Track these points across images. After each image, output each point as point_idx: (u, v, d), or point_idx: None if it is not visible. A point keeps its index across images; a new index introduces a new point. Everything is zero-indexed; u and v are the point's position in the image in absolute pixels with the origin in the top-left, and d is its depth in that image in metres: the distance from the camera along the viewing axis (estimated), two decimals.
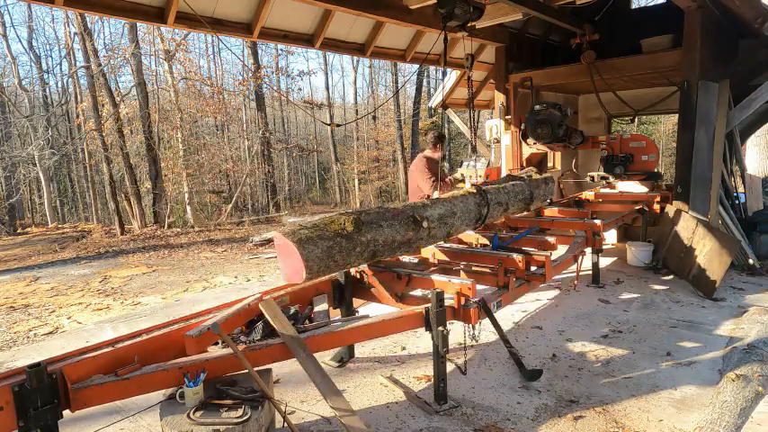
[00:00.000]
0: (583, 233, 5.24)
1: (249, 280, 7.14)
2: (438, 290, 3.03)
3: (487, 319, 3.46)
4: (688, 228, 5.74)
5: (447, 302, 3.14)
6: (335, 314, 3.75)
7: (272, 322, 2.81)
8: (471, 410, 3.10)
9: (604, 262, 6.51)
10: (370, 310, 4.15)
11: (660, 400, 3.18)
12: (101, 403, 2.35)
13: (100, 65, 14.90)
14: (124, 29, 16.23)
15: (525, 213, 5.58)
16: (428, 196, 5.56)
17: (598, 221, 5.34)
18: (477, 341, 3.87)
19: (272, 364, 2.68)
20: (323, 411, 3.09)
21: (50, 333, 5.17)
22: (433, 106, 10.75)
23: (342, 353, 3.89)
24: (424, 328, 3.08)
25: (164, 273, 8.04)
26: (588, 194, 7.07)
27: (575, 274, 5.42)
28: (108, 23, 24.56)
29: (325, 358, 3.83)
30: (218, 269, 8.09)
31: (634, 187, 7.34)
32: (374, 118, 26.31)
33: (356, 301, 3.79)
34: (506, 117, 7.72)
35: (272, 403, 2.39)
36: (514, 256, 3.86)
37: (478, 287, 3.30)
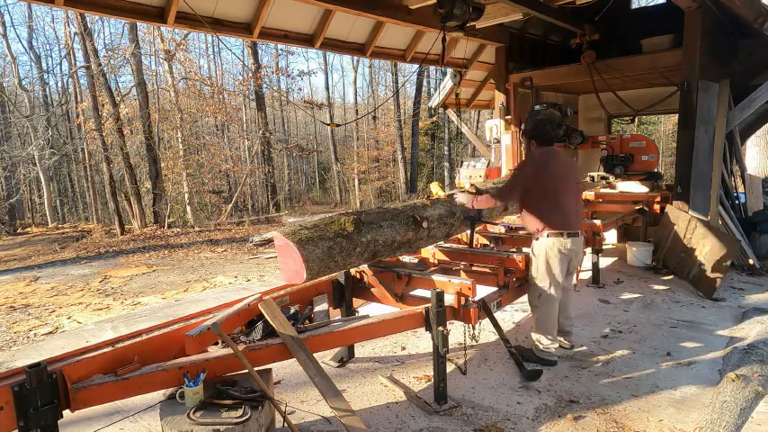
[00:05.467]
0: (583, 233, 5.23)
1: (249, 280, 7.14)
2: (438, 290, 3.03)
3: (487, 319, 3.46)
4: (688, 228, 5.73)
5: (447, 302, 3.14)
6: (335, 314, 3.75)
7: (271, 322, 2.81)
8: (471, 410, 3.10)
9: (604, 262, 6.51)
10: (370, 310, 4.14)
11: (660, 400, 3.18)
12: (101, 403, 2.35)
13: (100, 65, 14.91)
14: (124, 29, 16.22)
15: None
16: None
17: (598, 221, 5.34)
18: (477, 341, 3.87)
19: (272, 365, 2.68)
20: (323, 411, 3.09)
21: (50, 333, 5.16)
22: (433, 106, 10.76)
23: (342, 353, 3.89)
24: (424, 328, 3.08)
25: (164, 273, 8.04)
26: (588, 194, 7.07)
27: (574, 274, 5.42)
28: (108, 23, 24.58)
29: (326, 358, 3.83)
30: (218, 269, 8.09)
31: (634, 187, 7.34)
32: (374, 118, 26.32)
33: (356, 301, 3.79)
34: (506, 117, 7.72)
35: (272, 403, 2.38)
36: (514, 256, 3.86)
37: (478, 287, 3.30)
